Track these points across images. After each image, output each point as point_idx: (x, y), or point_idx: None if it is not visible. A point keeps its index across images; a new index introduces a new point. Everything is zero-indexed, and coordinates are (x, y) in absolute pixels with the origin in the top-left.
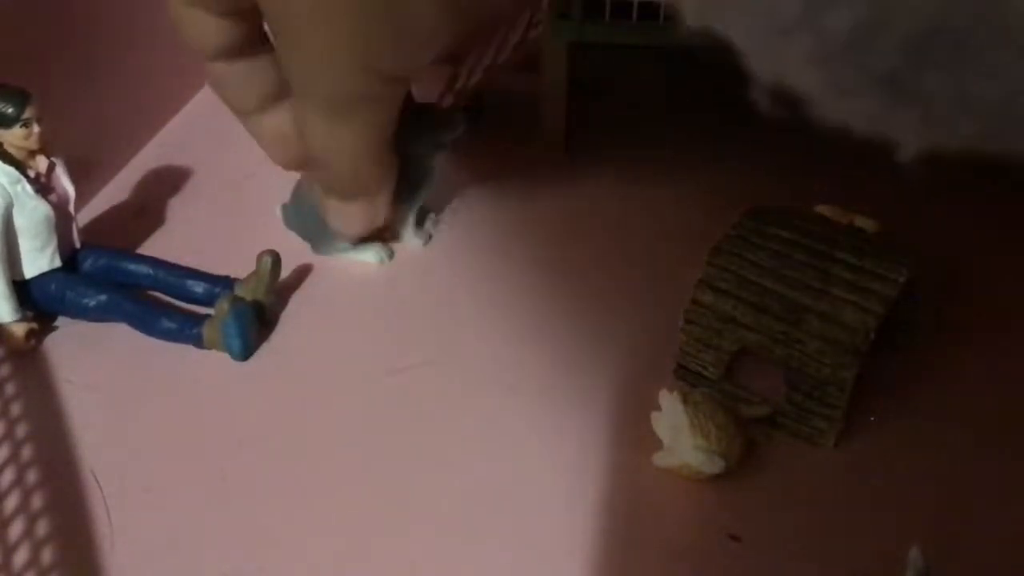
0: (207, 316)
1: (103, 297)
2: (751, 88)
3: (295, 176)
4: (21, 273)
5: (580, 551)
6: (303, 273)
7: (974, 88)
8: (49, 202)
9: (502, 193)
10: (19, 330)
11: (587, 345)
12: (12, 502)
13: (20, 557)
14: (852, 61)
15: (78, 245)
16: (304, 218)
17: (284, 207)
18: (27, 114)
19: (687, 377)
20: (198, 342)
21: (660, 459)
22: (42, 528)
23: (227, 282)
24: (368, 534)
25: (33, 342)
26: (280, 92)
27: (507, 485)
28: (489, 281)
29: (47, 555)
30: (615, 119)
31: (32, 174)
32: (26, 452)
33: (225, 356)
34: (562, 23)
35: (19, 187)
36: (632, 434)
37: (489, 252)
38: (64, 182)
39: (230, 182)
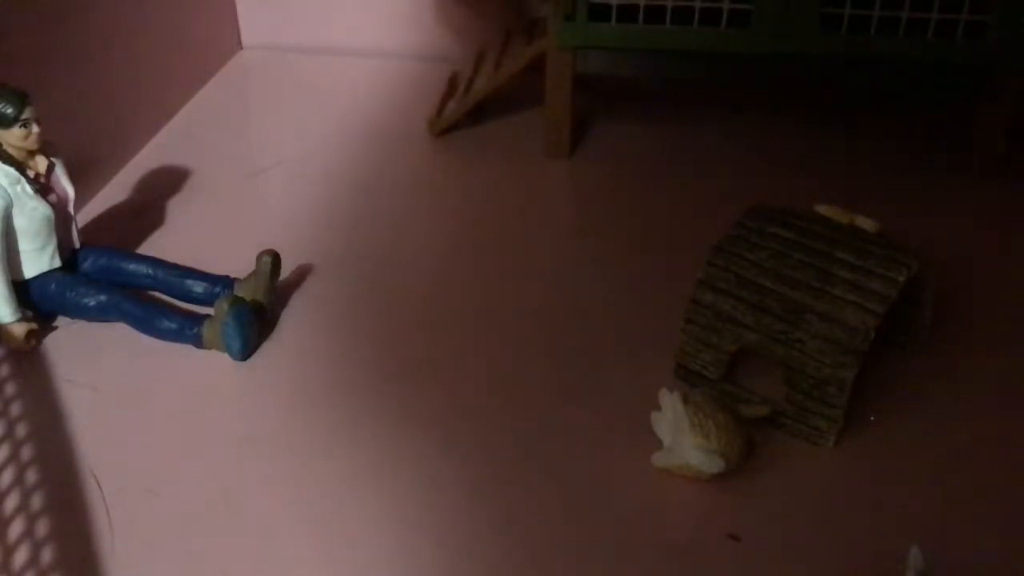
0: (207, 316)
1: (103, 297)
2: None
3: (295, 175)
4: (21, 273)
5: (580, 550)
6: (303, 273)
7: None
8: (49, 202)
9: (504, 193)
10: (19, 330)
11: (587, 345)
12: (12, 502)
13: (20, 557)
14: None
15: (78, 245)
16: None
17: None
18: (26, 115)
19: (687, 377)
20: (198, 342)
21: (660, 459)
22: (42, 528)
23: (227, 282)
24: (368, 533)
25: (33, 342)
26: None
27: (507, 484)
28: (488, 282)
29: (47, 555)
30: (615, 118)
31: (32, 174)
32: (26, 452)
33: (225, 356)
34: (567, 27)
35: (19, 187)
36: (632, 434)
37: (488, 253)
38: (64, 182)
39: (230, 182)
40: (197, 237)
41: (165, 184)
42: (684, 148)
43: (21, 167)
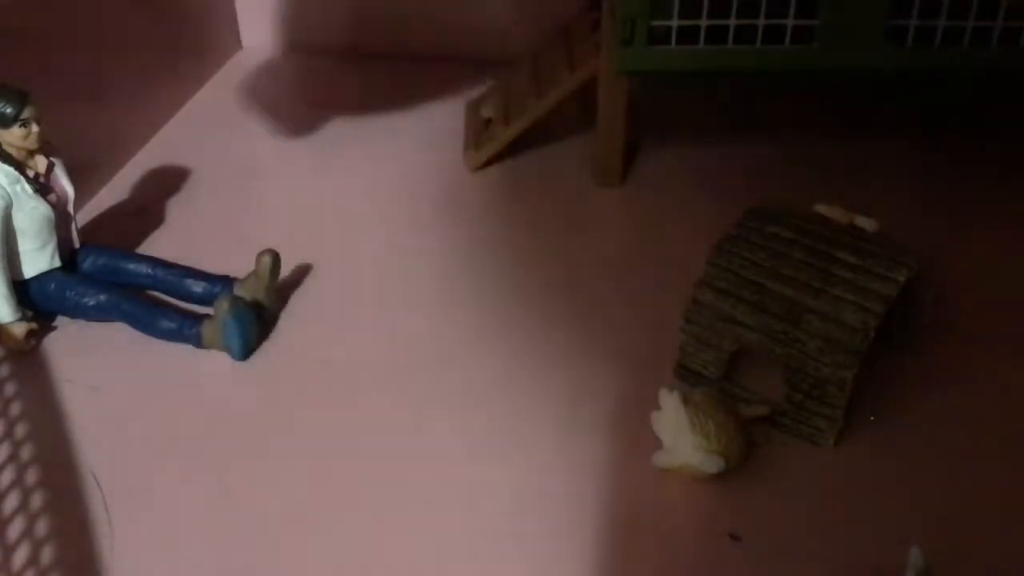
0: (207, 316)
1: (103, 297)
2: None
3: (296, 175)
4: (21, 273)
5: (580, 550)
6: (303, 273)
7: None
8: (48, 202)
9: (511, 193)
10: (19, 330)
11: (587, 345)
12: (12, 502)
13: (20, 557)
14: None
15: (77, 245)
16: None
17: None
18: (26, 114)
19: (687, 377)
20: (198, 342)
21: (660, 459)
22: (42, 528)
23: (227, 282)
24: (367, 533)
25: (33, 342)
26: None
27: (507, 485)
28: (488, 284)
29: (47, 555)
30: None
31: (31, 174)
32: (26, 452)
33: (225, 356)
34: (626, 52)
35: (18, 187)
36: (632, 434)
37: (487, 253)
38: (63, 182)
39: (230, 182)
40: (197, 237)
41: (165, 184)
42: (682, 147)
43: (21, 167)
